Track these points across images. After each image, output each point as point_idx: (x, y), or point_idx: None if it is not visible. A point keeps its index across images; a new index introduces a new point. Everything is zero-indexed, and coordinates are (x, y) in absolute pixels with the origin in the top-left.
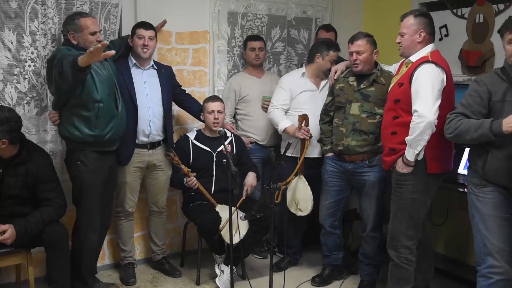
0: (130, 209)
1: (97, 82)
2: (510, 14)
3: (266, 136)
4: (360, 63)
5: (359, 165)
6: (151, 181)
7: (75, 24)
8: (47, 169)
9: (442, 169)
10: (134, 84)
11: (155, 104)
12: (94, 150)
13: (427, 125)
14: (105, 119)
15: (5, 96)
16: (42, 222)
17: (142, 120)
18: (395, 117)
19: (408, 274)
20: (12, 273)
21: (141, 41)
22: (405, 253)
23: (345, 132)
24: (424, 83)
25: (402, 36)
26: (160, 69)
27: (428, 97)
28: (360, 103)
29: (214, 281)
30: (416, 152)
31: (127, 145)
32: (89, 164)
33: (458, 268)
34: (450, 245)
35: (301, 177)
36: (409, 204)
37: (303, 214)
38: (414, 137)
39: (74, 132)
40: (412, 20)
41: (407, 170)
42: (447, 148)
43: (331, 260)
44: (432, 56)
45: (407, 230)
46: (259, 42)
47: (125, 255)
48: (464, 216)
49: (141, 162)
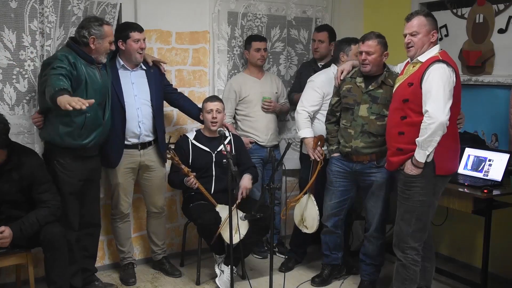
0: (125, 210)
1: (91, 90)
2: (510, 14)
3: (266, 136)
4: (369, 64)
5: (366, 166)
6: (146, 182)
7: (100, 31)
8: (40, 171)
9: (450, 171)
10: (121, 86)
11: (143, 105)
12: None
13: (439, 126)
14: (90, 128)
15: (4, 96)
16: (37, 224)
17: (132, 121)
18: (403, 117)
19: (414, 275)
20: (12, 273)
21: (137, 45)
22: (412, 254)
23: (354, 134)
24: (436, 83)
25: (414, 36)
26: (149, 69)
27: (440, 98)
28: (369, 105)
29: (214, 281)
30: (427, 153)
31: (116, 147)
32: (66, 165)
33: (458, 268)
34: (450, 245)
35: (311, 196)
36: (417, 206)
37: (308, 231)
38: (425, 138)
39: (56, 139)
40: (424, 20)
41: (416, 172)
42: (455, 150)
43: (331, 260)
44: (442, 56)
45: (415, 232)
46: (264, 43)
47: (124, 255)
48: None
49: (132, 162)
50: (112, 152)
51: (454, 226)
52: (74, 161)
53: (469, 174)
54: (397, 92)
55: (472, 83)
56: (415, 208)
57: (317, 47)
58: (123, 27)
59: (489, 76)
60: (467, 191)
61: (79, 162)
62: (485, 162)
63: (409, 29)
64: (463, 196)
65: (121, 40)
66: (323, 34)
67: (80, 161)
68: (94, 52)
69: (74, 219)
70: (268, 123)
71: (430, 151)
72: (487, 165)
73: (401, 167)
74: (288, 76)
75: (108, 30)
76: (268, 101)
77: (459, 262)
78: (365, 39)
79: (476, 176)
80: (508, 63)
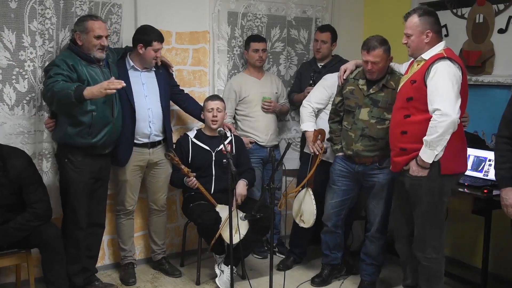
0: (130, 207)
1: None
2: (510, 14)
3: (266, 136)
4: (375, 72)
5: (369, 167)
6: (151, 178)
7: (83, 26)
8: (27, 172)
9: (456, 170)
10: (132, 87)
11: (154, 106)
12: (85, 152)
13: (450, 124)
14: (98, 126)
15: (4, 97)
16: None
17: (142, 121)
18: (406, 116)
19: (437, 272)
20: (12, 273)
21: (155, 54)
22: (431, 253)
23: (354, 137)
24: (443, 80)
25: (408, 37)
26: (158, 69)
27: (450, 95)
28: (370, 109)
29: (214, 281)
30: (436, 153)
31: (125, 147)
32: (76, 163)
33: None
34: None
35: (309, 190)
36: (428, 208)
37: (305, 226)
38: (435, 137)
39: (68, 139)
40: (417, 20)
41: (422, 174)
42: (461, 149)
43: (330, 260)
44: (446, 53)
45: (432, 231)
46: (262, 44)
47: (125, 254)
48: (464, 216)
49: (141, 160)
50: (121, 151)
51: (454, 226)
52: (85, 158)
53: (469, 174)
54: (401, 91)
55: (472, 83)
56: (425, 210)
57: (319, 48)
58: (147, 32)
59: (489, 76)
60: (467, 191)
61: (89, 159)
62: (485, 162)
63: (405, 29)
64: (463, 196)
65: (142, 44)
66: (326, 35)
67: (90, 159)
68: (84, 48)
69: (83, 217)
70: (268, 123)
71: (440, 151)
72: (487, 165)
73: (406, 167)
74: (288, 76)
75: (91, 24)
76: (268, 101)
77: (459, 262)
78: (371, 50)
79: (476, 176)
80: (508, 63)
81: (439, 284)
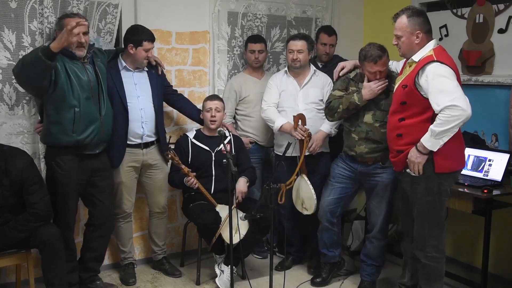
0: (128, 210)
1: (76, 85)
2: (510, 14)
3: (266, 136)
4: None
5: (372, 167)
6: (148, 180)
7: (60, 24)
8: (28, 172)
9: (452, 168)
10: (124, 87)
11: (146, 106)
12: (72, 154)
13: (465, 119)
14: (84, 123)
15: (4, 97)
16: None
17: (135, 122)
18: (401, 119)
19: (438, 271)
20: (12, 273)
21: (146, 54)
22: (432, 252)
23: (357, 139)
24: (444, 79)
25: (398, 39)
26: (151, 69)
27: (458, 92)
28: (373, 111)
29: (214, 281)
30: (442, 143)
31: (117, 148)
32: (63, 166)
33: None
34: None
35: (303, 177)
36: (426, 207)
37: (308, 213)
38: (446, 129)
39: (52, 139)
40: (406, 21)
41: (421, 160)
42: (457, 147)
43: (328, 259)
44: (436, 54)
45: (431, 230)
46: (259, 45)
47: (125, 256)
48: (464, 216)
49: (135, 161)
50: (114, 152)
51: (454, 226)
52: (71, 161)
53: (469, 174)
54: (395, 94)
55: (472, 83)
56: (424, 209)
57: (328, 52)
58: (137, 32)
59: (489, 76)
60: (467, 191)
61: (76, 161)
62: (485, 162)
63: (394, 30)
64: (463, 196)
65: (132, 44)
66: (334, 38)
67: (78, 162)
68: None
69: (71, 219)
70: None
71: (445, 141)
72: (487, 165)
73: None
74: None
75: (68, 22)
76: None
77: (459, 262)
78: (378, 60)
79: (476, 176)
80: (508, 63)
81: (439, 284)
